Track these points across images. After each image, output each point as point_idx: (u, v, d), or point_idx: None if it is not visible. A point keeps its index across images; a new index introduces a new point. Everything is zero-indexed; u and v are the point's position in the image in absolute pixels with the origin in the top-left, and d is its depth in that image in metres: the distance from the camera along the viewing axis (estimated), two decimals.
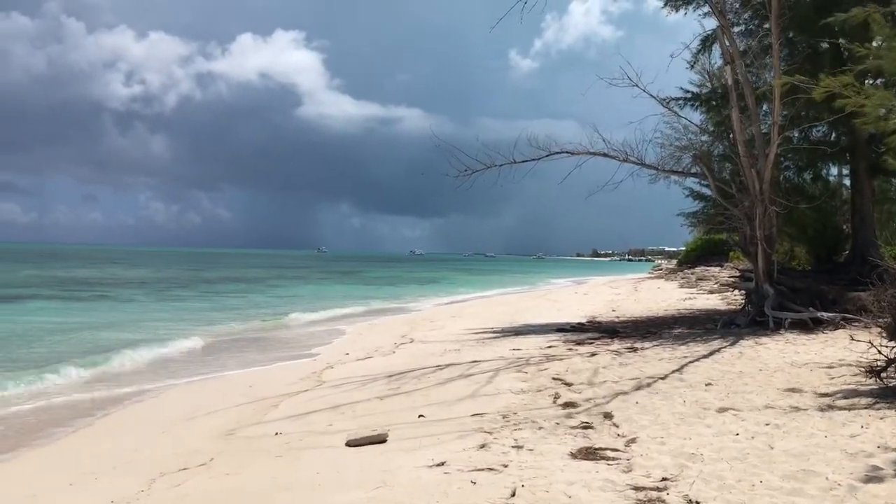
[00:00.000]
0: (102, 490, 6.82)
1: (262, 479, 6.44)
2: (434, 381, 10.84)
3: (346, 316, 27.54)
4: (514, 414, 8.21)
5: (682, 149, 18.16)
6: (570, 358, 12.34)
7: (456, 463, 6.25)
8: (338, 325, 23.66)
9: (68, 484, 7.20)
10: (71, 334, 20.16)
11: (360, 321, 24.96)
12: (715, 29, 17.39)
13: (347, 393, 10.63)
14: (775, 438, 6.60)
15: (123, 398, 12.00)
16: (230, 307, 31.20)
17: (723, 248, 41.94)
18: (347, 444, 7.35)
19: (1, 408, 10.95)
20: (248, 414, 9.87)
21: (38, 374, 13.31)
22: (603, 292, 37.05)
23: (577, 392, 9.32)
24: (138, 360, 15.67)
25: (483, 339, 16.47)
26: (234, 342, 19.14)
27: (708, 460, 6.02)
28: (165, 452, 8.11)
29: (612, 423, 7.52)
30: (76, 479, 7.35)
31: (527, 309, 26.71)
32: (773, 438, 6.60)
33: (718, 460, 6.01)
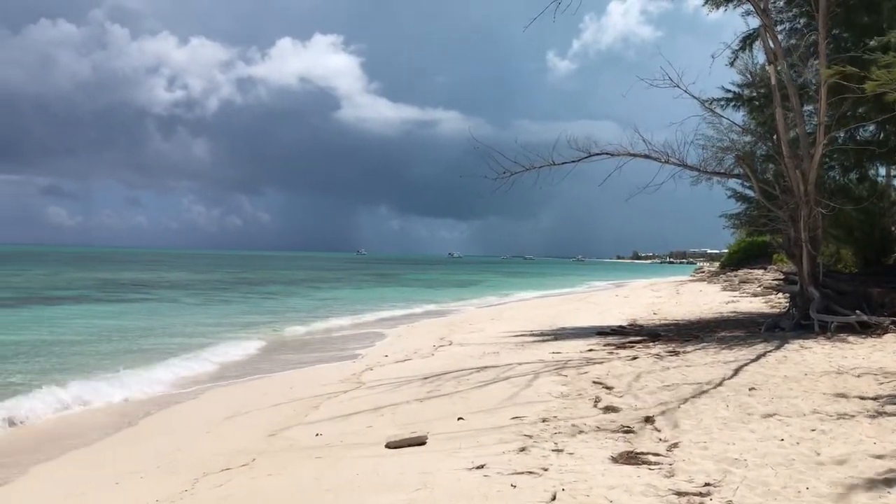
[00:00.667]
0: (147, 489, 6.94)
1: (303, 480, 6.50)
2: (473, 384, 10.82)
3: (385, 318, 27.65)
4: (554, 418, 8.16)
5: (724, 150, 17.92)
6: (610, 361, 12.23)
7: (496, 466, 6.23)
8: (377, 327, 23.77)
9: (114, 483, 7.34)
10: (116, 336, 20.56)
11: (398, 324, 25.04)
12: (757, 27, 17.13)
13: (387, 395, 10.67)
14: (822, 444, 6.47)
15: (166, 399, 12.20)
16: (271, 309, 31.55)
17: (766, 251, 41.23)
18: (387, 446, 7.37)
19: (50, 410, 11.20)
20: (290, 415, 9.96)
21: (84, 377, 13.59)
22: (644, 295, 36.68)
23: (618, 396, 9.24)
24: (181, 361, 15.90)
25: (522, 342, 16.41)
26: (274, 344, 19.33)
27: (752, 466, 5.93)
28: (208, 452, 8.22)
29: (654, 428, 7.44)
30: (122, 478, 7.49)
31: (566, 312, 26.56)
32: (820, 444, 6.47)
33: (763, 466, 5.91)
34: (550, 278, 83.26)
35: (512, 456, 6.56)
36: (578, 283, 69.23)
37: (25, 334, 20.34)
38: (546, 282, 71.76)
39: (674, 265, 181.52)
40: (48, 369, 14.59)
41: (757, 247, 44.31)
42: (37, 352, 17.08)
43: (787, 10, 17.87)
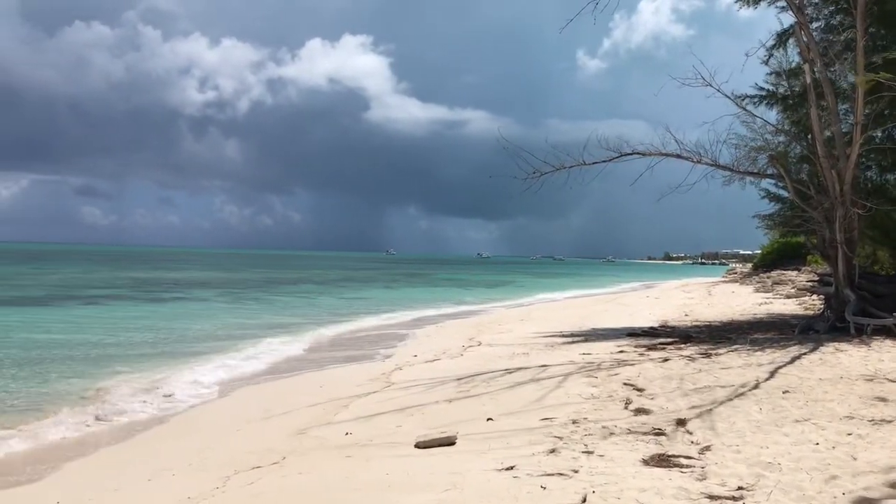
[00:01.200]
0: (179, 486, 7.02)
1: (333, 479, 6.52)
2: (503, 385, 10.80)
3: (414, 318, 27.69)
4: (584, 419, 8.11)
5: (757, 149, 17.70)
6: (641, 363, 12.13)
7: (525, 467, 6.20)
8: (406, 327, 23.81)
9: (147, 479, 7.44)
10: (149, 336, 20.81)
11: (427, 324, 25.06)
12: (792, 24, 16.89)
13: (416, 395, 10.68)
14: (858, 449, 6.36)
15: (197, 397, 12.32)
16: (301, 309, 31.74)
17: (800, 252, 40.71)
18: (416, 446, 7.38)
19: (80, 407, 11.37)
20: (319, 414, 10.02)
21: (118, 376, 13.80)
22: (675, 296, 36.36)
23: (649, 398, 9.16)
24: (210, 361, 16.08)
25: (552, 343, 16.34)
26: (303, 343, 19.43)
27: (786, 470, 5.84)
28: (239, 450, 8.29)
29: (686, 430, 7.36)
30: (154, 474, 7.59)
31: (597, 313, 26.41)
32: (857, 449, 6.36)
33: (797, 470, 5.82)
34: (580, 279, 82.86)
35: (542, 457, 6.53)
36: (609, 283, 68.81)
37: (60, 334, 20.66)
38: (576, 282, 71.41)
39: (706, 266, 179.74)
40: (82, 369, 14.82)
41: (791, 248, 43.77)
42: (71, 351, 17.34)
43: (823, 6, 17.58)
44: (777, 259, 46.71)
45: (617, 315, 24.72)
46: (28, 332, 20.59)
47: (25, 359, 15.65)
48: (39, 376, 13.72)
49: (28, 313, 26.37)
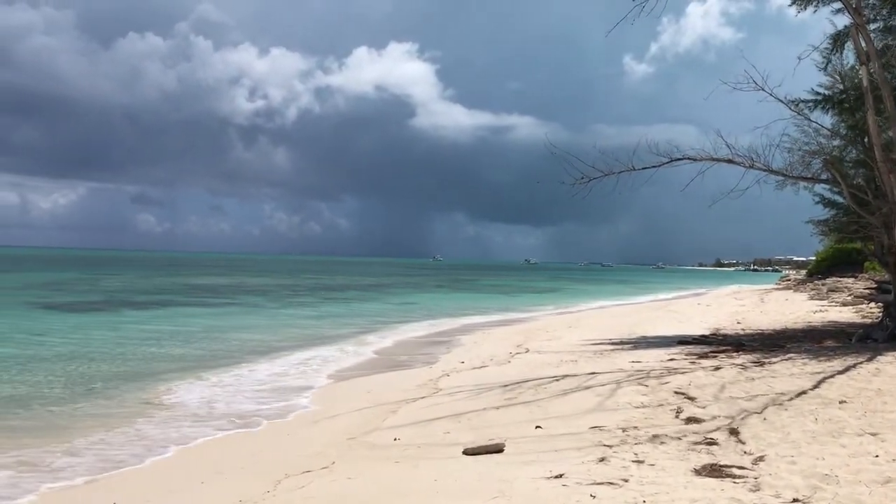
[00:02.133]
0: (231, 489, 7.14)
1: (382, 484, 6.56)
2: (551, 393, 10.73)
3: (461, 325, 27.70)
4: (634, 428, 8.02)
5: (811, 153, 17.31)
6: (692, 371, 11.95)
7: (575, 476, 6.16)
8: (453, 334, 23.83)
9: (200, 482, 7.57)
10: (201, 342, 21.18)
11: (474, 330, 25.05)
12: (848, 26, 16.50)
13: (464, 401, 10.68)
14: None
15: (245, 401, 12.49)
16: (348, 315, 32.00)
17: (857, 258, 39.77)
18: (465, 453, 7.38)
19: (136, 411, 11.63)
20: (368, 419, 10.08)
21: (166, 382, 14.08)
22: (727, 303, 35.73)
23: (701, 407, 9.01)
24: (258, 366, 16.31)
25: (601, 350, 16.19)
26: (352, 348, 19.58)
27: (844, 483, 5.70)
28: (289, 454, 8.39)
29: (739, 440, 7.23)
30: (207, 477, 7.72)
31: (646, 320, 26.09)
32: None
33: (856, 483, 5.67)
34: (629, 286, 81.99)
35: (591, 466, 6.48)
36: (658, 290, 67.96)
37: (110, 340, 21.15)
38: (625, 289, 70.71)
39: (758, 273, 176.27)
40: (136, 373, 15.16)
41: (846, 254, 42.78)
42: (122, 358, 17.75)
43: (881, 7, 17.14)
44: (832, 266, 45.69)
45: (667, 322, 24.39)
46: (86, 336, 21.13)
47: (87, 362, 16.07)
48: (88, 383, 14.06)
49: (85, 318, 27.10)
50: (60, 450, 9.05)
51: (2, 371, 14.67)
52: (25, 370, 14.87)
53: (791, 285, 50.56)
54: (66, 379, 14.02)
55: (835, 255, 45.20)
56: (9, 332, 21.23)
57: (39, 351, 17.70)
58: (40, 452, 8.90)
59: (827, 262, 46.80)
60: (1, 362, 15.75)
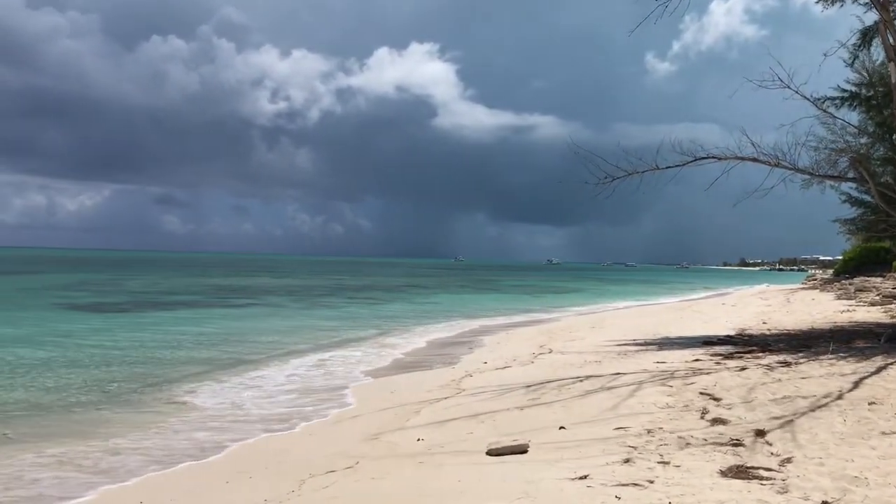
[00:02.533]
0: (256, 488, 7.18)
1: (406, 485, 6.57)
2: (575, 393, 10.68)
3: (484, 325, 27.68)
4: (659, 429, 7.96)
5: (838, 152, 17.10)
6: (718, 372, 11.84)
7: (599, 477, 6.13)
8: (475, 334, 23.82)
9: (224, 482, 7.62)
10: (222, 342, 21.33)
11: (497, 330, 25.02)
12: (875, 22, 16.29)
13: (487, 402, 10.66)
14: None
15: (269, 402, 12.56)
16: (371, 315, 32.09)
17: (885, 257, 39.21)
18: (488, 453, 7.36)
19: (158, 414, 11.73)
20: (391, 419, 10.10)
21: (191, 383, 14.20)
22: (752, 303, 35.39)
23: (727, 408, 8.93)
24: (282, 366, 16.41)
25: (625, 351, 16.10)
26: (374, 349, 19.64)
27: (874, 485, 5.62)
28: (313, 455, 8.42)
29: (765, 442, 7.15)
30: (232, 477, 7.77)
31: (670, 321, 25.91)
32: None
33: (886, 486, 5.59)
34: (653, 286, 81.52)
35: (616, 467, 6.44)
36: (683, 290, 67.50)
37: (135, 340, 21.36)
38: (648, 289, 70.31)
39: (784, 272, 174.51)
40: (156, 373, 15.29)
41: (874, 253, 42.22)
42: (147, 356, 17.92)
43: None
44: (860, 265, 45.11)
45: (691, 323, 24.19)
46: (112, 336, 21.35)
47: (114, 363, 16.26)
48: (113, 383, 14.20)
49: (111, 319, 27.41)
50: (88, 451, 9.16)
51: (30, 371, 14.88)
52: (53, 371, 15.06)
53: (817, 285, 49.94)
54: (93, 380, 14.18)
55: (862, 254, 44.61)
56: (36, 333, 21.52)
57: (66, 352, 17.91)
58: (73, 453, 9.01)
59: (854, 262, 46.20)
60: (29, 363, 15.98)
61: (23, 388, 13.20)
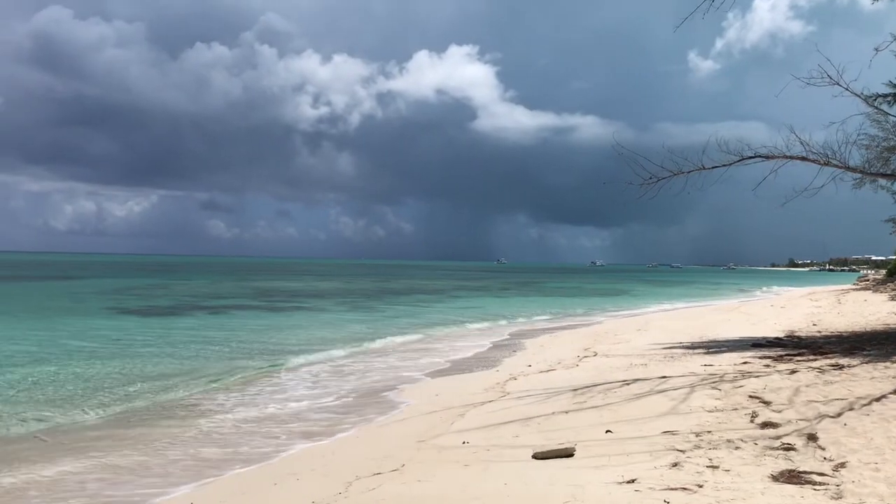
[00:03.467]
0: (304, 490, 7.26)
1: (452, 487, 6.57)
2: (621, 397, 10.58)
3: (527, 328, 27.60)
4: (707, 432, 7.85)
5: (890, 149, 16.68)
6: (767, 375, 11.63)
7: (647, 481, 6.07)
8: (519, 337, 23.75)
9: (272, 483, 7.72)
10: (267, 344, 21.58)
11: (541, 333, 24.92)
12: None
13: (532, 405, 10.63)
14: None
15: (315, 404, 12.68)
16: (413, 318, 32.18)
17: None
18: (534, 457, 7.34)
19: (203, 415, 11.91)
20: (436, 422, 10.12)
21: (237, 385, 14.40)
22: (802, 305, 34.70)
23: (777, 411, 8.77)
24: (326, 369, 16.55)
25: (671, 353, 15.90)
26: (419, 351, 19.71)
27: None
28: (360, 457, 8.49)
29: (818, 446, 7.00)
30: (280, 479, 7.87)
31: (718, 323, 25.54)
32: None
33: None
34: (699, 287, 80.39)
35: (664, 471, 6.37)
36: (730, 292, 66.47)
37: (186, 343, 21.73)
38: (695, 291, 69.36)
39: (834, 273, 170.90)
40: (204, 374, 15.53)
41: None
42: (195, 359, 18.21)
43: None
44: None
45: (739, 325, 23.81)
46: (163, 339, 21.76)
47: (163, 365, 16.58)
48: (162, 385, 14.46)
49: (161, 321, 27.93)
50: (139, 454, 9.35)
51: (80, 374, 15.23)
52: (103, 373, 15.40)
53: (870, 286, 48.78)
54: (143, 382, 14.46)
55: None
56: (89, 336, 22.03)
57: (116, 354, 18.30)
58: (118, 458, 9.22)
59: None
60: (80, 365, 16.34)
61: (72, 389, 13.51)
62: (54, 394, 13.18)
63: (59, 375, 14.99)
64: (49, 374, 15.15)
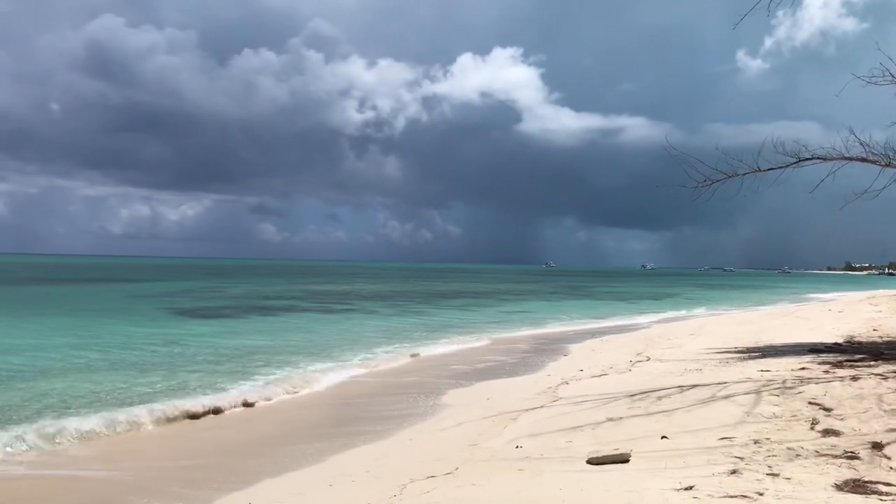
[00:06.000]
0: (358, 492, 7.33)
1: (506, 492, 6.56)
2: (677, 403, 10.43)
3: (578, 331, 27.40)
4: (766, 439, 7.69)
5: None
6: (828, 381, 11.35)
7: (705, 488, 5.97)
8: (569, 341, 23.60)
9: (328, 485, 7.80)
10: (321, 344, 21.79)
11: (592, 337, 24.72)
12: None
13: (585, 410, 10.54)
14: None
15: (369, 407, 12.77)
16: (463, 321, 32.20)
17: None
18: (589, 462, 7.28)
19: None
20: (488, 426, 10.11)
21: (295, 386, 14.60)
22: (861, 309, 33.79)
23: (839, 419, 8.55)
24: (378, 369, 16.67)
25: (726, 359, 15.63)
26: (468, 355, 19.71)
27: None
28: (413, 459, 8.52)
29: (883, 455, 6.81)
30: (335, 480, 7.95)
31: (773, 327, 25.00)
32: None
33: None
34: (753, 291, 78.82)
35: (722, 478, 6.26)
36: (785, 296, 65.06)
37: (243, 344, 22.06)
38: (749, 295, 68.05)
39: (894, 277, 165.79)
40: (262, 372, 15.75)
41: None
42: (251, 359, 18.47)
43: None
44: None
45: (796, 330, 23.28)
46: (221, 339, 22.11)
47: (220, 364, 16.86)
48: (217, 384, 14.70)
49: (218, 323, 28.42)
50: (193, 456, 9.53)
51: (146, 371, 15.56)
52: (167, 373, 15.71)
53: None
54: (201, 381, 14.72)
55: None
56: (149, 335, 22.51)
57: (176, 353, 18.67)
58: (177, 460, 9.41)
59: None
60: (141, 366, 16.71)
61: (138, 387, 13.82)
62: (157, 385, 13.49)
63: (145, 375, 15.37)
64: (132, 374, 15.52)
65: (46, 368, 15.93)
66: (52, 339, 21.30)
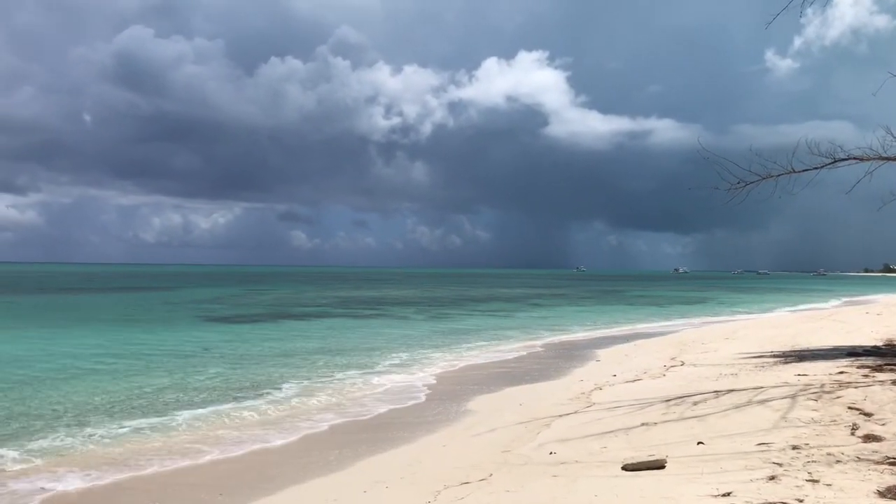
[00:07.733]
0: (392, 498, 7.34)
1: (540, 498, 6.53)
2: (712, 408, 10.31)
3: (611, 336, 27.22)
4: (805, 445, 7.57)
5: None
6: (867, 385, 11.15)
7: (743, 494, 5.89)
8: (602, 345, 23.43)
9: (362, 491, 7.81)
10: (355, 349, 21.88)
11: (625, 341, 24.54)
12: None
13: (619, 416, 10.47)
14: None
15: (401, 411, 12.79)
16: (495, 326, 32.14)
17: None
18: (624, 468, 7.22)
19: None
20: (522, 432, 10.07)
21: (324, 391, 14.63)
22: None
23: (880, 424, 8.39)
24: (412, 375, 16.68)
25: (762, 363, 15.42)
26: (500, 360, 19.66)
27: None
28: (447, 466, 8.51)
29: None
30: (369, 486, 7.95)
31: (809, 331, 24.63)
32: None
33: None
34: (787, 294, 77.72)
35: (761, 484, 6.17)
36: (821, 298, 64.07)
37: (275, 350, 22.22)
38: (783, 298, 67.08)
39: None
40: (294, 378, 15.84)
41: None
42: (284, 364, 18.59)
43: None
44: None
45: (833, 333, 22.91)
46: (253, 345, 22.32)
47: (252, 370, 17.00)
48: (250, 391, 14.81)
49: (250, 328, 28.69)
50: (222, 459, 9.62)
51: (177, 377, 15.75)
52: (195, 378, 15.88)
53: None
54: (228, 387, 14.86)
55: None
56: (183, 341, 22.79)
57: (208, 358, 18.85)
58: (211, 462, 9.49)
59: None
60: (178, 367, 16.90)
61: (170, 394, 13.99)
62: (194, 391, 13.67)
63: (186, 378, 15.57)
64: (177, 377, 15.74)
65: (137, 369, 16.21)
66: (134, 346, 21.64)
